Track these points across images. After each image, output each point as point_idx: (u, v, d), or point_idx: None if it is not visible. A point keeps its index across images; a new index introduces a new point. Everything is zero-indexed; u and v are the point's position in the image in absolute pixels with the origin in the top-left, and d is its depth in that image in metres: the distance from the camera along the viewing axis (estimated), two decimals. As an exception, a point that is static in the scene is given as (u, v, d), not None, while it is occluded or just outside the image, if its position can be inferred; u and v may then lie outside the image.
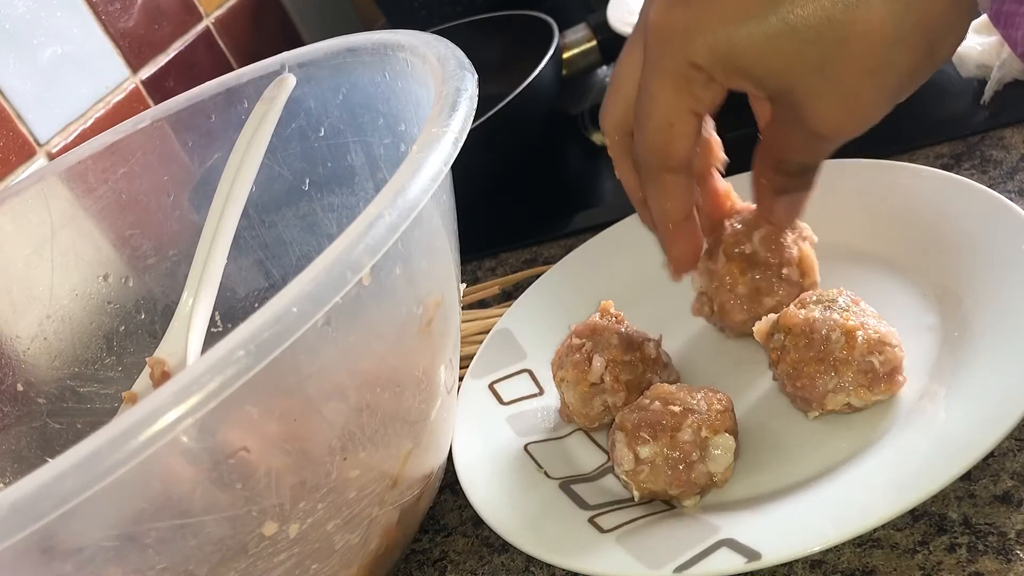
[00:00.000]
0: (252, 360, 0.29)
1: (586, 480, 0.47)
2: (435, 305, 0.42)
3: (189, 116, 0.60)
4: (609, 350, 0.48)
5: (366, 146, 0.56)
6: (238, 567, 0.36)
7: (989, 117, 0.58)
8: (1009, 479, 0.39)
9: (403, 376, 0.41)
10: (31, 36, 0.78)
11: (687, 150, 0.42)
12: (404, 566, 0.48)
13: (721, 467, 0.43)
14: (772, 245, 0.48)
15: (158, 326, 0.60)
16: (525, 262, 0.68)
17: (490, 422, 0.51)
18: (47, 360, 0.58)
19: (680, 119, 0.41)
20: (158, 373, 0.51)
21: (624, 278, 0.57)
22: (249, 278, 0.62)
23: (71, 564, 0.33)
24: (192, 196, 0.61)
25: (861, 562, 0.39)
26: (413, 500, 0.44)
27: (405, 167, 0.36)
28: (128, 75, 0.87)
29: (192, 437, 0.33)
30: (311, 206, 0.60)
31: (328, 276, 0.31)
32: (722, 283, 0.49)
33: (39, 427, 0.57)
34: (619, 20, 0.78)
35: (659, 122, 0.41)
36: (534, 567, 0.45)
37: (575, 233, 0.68)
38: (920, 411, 0.42)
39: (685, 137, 0.42)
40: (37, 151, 0.77)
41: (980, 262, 0.46)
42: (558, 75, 0.79)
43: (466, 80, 0.42)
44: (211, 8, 0.98)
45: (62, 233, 0.60)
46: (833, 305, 0.44)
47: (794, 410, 0.45)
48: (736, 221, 0.49)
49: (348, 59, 0.54)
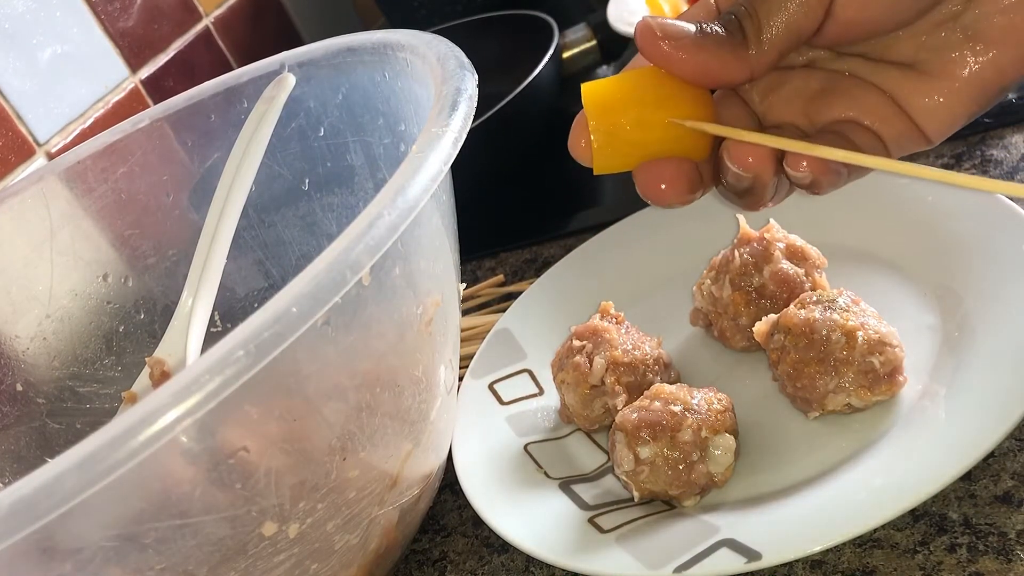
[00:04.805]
0: (252, 360, 0.29)
1: (586, 480, 0.47)
2: (435, 305, 0.42)
3: (189, 116, 0.60)
4: (609, 352, 0.48)
5: (366, 146, 0.56)
6: (238, 567, 0.36)
7: (989, 117, 0.58)
8: (1009, 479, 0.39)
9: (403, 376, 0.41)
10: (31, 36, 0.78)
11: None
12: (404, 566, 0.48)
13: (721, 467, 0.43)
14: (781, 280, 0.48)
15: (158, 326, 0.60)
16: (525, 262, 0.68)
17: (490, 422, 0.51)
18: (46, 360, 0.58)
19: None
20: (158, 373, 0.51)
21: (624, 278, 0.57)
22: (249, 278, 0.62)
23: (71, 564, 0.33)
24: (192, 196, 0.61)
25: (861, 562, 0.39)
26: (413, 500, 0.44)
27: (405, 167, 0.36)
28: (127, 75, 0.87)
29: (192, 437, 0.33)
30: (311, 206, 0.60)
31: (328, 276, 0.31)
32: (725, 311, 0.49)
33: (38, 427, 0.57)
34: (619, 20, 0.78)
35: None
36: (534, 567, 0.45)
37: (575, 233, 0.67)
38: (920, 411, 0.42)
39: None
40: (37, 151, 0.77)
41: (980, 262, 0.46)
42: (558, 75, 0.79)
43: (466, 80, 0.42)
44: (211, 8, 0.98)
45: (61, 233, 0.59)
46: (833, 305, 0.44)
47: (794, 410, 0.45)
48: (746, 252, 0.49)
49: (348, 59, 0.54)
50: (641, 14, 0.78)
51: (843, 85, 0.37)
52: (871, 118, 0.36)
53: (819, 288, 0.48)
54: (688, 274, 0.55)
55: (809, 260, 0.49)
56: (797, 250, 0.49)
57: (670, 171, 0.37)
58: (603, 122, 0.36)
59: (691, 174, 0.37)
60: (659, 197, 0.37)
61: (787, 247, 0.49)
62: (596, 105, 0.36)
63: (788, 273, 0.48)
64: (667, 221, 0.58)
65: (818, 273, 0.49)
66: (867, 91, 0.37)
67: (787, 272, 0.48)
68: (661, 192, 0.37)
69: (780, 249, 0.49)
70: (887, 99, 0.36)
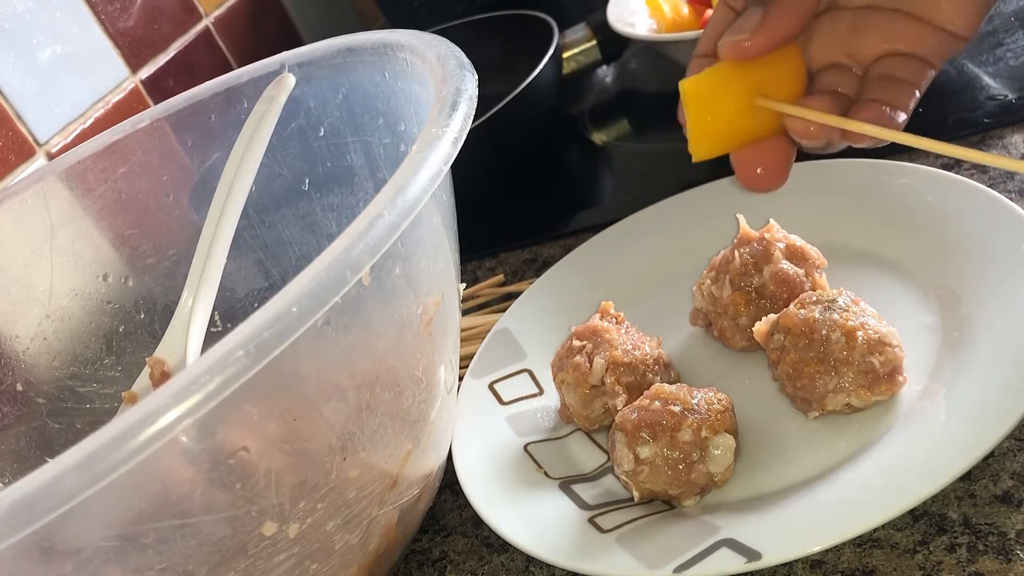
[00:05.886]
0: (252, 360, 0.29)
1: (586, 480, 0.47)
2: (435, 305, 0.42)
3: (189, 116, 0.60)
4: (609, 352, 0.48)
5: (366, 146, 0.56)
6: (238, 567, 0.36)
7: (989, 117, 0.58)
8: (1009, 479, 0.39)
9: (403, 376, 0.41)
10: (31, 36, 0.78)
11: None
12: (404, 566, 0.48)
13: (721, 467, 0.43)
14: (781, 280, 0.48)
15: (158, 326, 0.60)
16: (525, 262, 0.68)
17: (490, 422, 0.51)
18: (46, 360, 0.58)
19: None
20: (158, 373, 0.51)
21: (624, 278, 0.57)
22: (249, 278, 0.62)
23: (71, 564, 0.33)
24: (192, 196, 0.61)
25: (861, 562, 0.39)
26: (413, 500, 0.44)
27: (405, 167, 0.36)
28: (128, 75, 0.87)
29: (192, 437, 0.33)
30: (311, 206, 0.60)
31: (328, 276, 0.31)
32: (725, 311, 0.49)
33: (39, 427, 0.57)
34: (619, 20, 0.78)
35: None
36: (534, 567, 0.45)
37: (575, 233, 0.67)
38: (920, 411, 0.42)
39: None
40: (37, 151, 0.77)
41: (980, 262, 0.46)
42: (558, 75, 0.79)
43: (466, 80, 0.42)
44: (211, 8, 0.98)
45: (61, 233, 0.59)
46: (833, 305, 0.44)
47: (794, 410, 0.45)
48: (746, 251, 0.49)
49: (348, 59, 0.54)
50: (641, 14, 0.78)
51: (869, 20, 0.41)
52: (905, 43, 0.40)
53: (819, 288, 0.48)
54: (688, 274, 0.55)
55: (809, 260, 0.49)
56: (797, 250, 0.49)
57: (762, 154, 0.42)
58: (696, 115, 0.42)
59: (781, 152, 0.42)
60: (757, 182, 0.42)
61: (787, 247, 0.49)
62: (689, 100, 0.42)
63: (788, 273, 0.48)
64: (667, 221, 0.59)
65: (818, 273, 0.49)
66: (891, 18, 0.40)
67: (787, 272, 0.48)
68: (758, 177, 0.42)
69: (780, 249, 0.49)
70: (911, 19, 0.40)
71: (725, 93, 0.42)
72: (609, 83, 0.86)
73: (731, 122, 0.42)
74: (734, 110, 0.42)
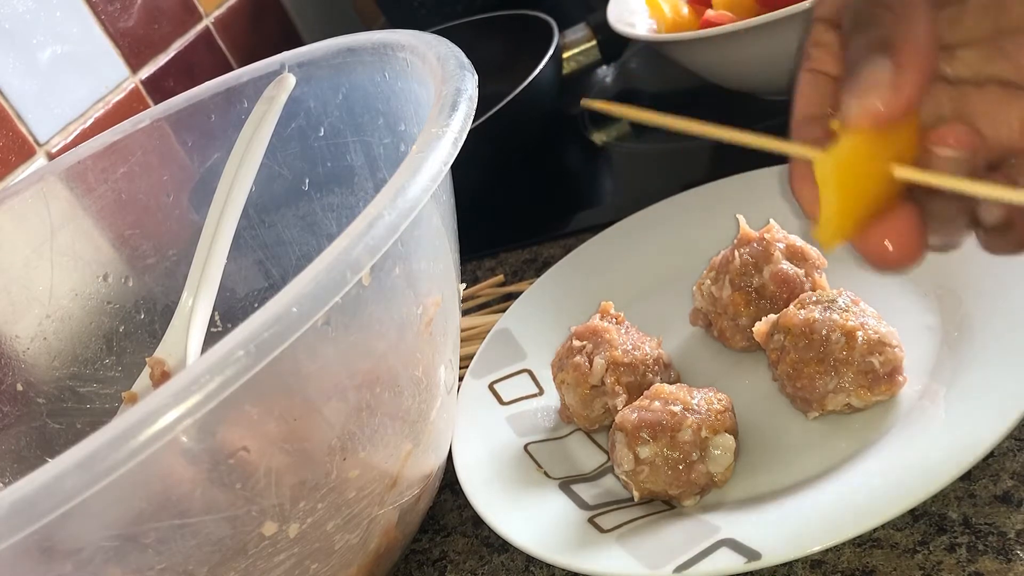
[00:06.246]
0: (252, 360, 0.29)
1: (586, 480, 0.47)
2: (435, 305, 0.42)
3: (189, 116, 0.60)
4: (609, 352, 0.48)
5: (366, 146, 0.56)
6: (238, 567, 0.36)
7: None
8: (1009, 479, 0.39)
9: (403, 376, 0.41)
10: (31, 36, 0.78)
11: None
12: (404, 566, 0.48)
13: (721, 467, 0.43)
14: (781, 280, 0.48)
15: (158, 326, 0.60)
16: (525, 262, 0.68)
17: (490, 422, 0.51)
18: (47, 360, 0.58)
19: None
20: (158, 373, 0.51)
21: (624, 278, 0.57)
22: (249, 278, 0.62)
23: (71, 564, 0.33)
24: (192, 196, 0.61)
25: (861, 562, 0.39)
26: (413, 500, 0.44)
27: (405, 167, 0.36)
28: (128, 75, 0.87)
29: (192, 437, 0.33)
30: (311, 206, 0.60)
31: (328, 276, 0.31)
32: (725, 311, 0.49)
33: (39, 427, 0.57)
34: (619, 20, 0.78)
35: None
36: (534, 567, 0.45)
37: (575, 233, 0.67)
38: (920, 411, 0.42)
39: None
40: (37, 151, 0.77)
41: (980, 262, 0.46)
42: (558, 75, 0.79)
43: (466, 80, 0.42)
44: (211, 8, 0.98)
45: (61, 233, 0.60)
46: (833, 305, 0.44)
47: (794, 410, 0.45)
48: (746, 252, 0.49)
49: (348, 59, 0.54)
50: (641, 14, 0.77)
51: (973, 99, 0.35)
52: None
53: (819, 288, 0.48)
54: (688, 274, 0.55)
55: (809, 260, 0.49)
56: (797, 250, 0.49)
57: (888, 228, 0.34)
58: (839, 196, 0.34)
59: (909, 221, 0.34)
60: (891, 260, 0.34)
61: (787, 247, 0.49)
62: (830, 179, 0.34)
63: (788, 273, 0.48)
64: (667, 221, 0.59)
65: (818, 273, 0.49)
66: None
67: (787, 272, 0.48)
68: (891, 254, 0.34)
69: (780, 249, 0.49)
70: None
71: (870, 167, 0.34)
72: (609, 83, 0.86)
73: (872, 199, 0.34)
74: (878, 186, 0.34)
